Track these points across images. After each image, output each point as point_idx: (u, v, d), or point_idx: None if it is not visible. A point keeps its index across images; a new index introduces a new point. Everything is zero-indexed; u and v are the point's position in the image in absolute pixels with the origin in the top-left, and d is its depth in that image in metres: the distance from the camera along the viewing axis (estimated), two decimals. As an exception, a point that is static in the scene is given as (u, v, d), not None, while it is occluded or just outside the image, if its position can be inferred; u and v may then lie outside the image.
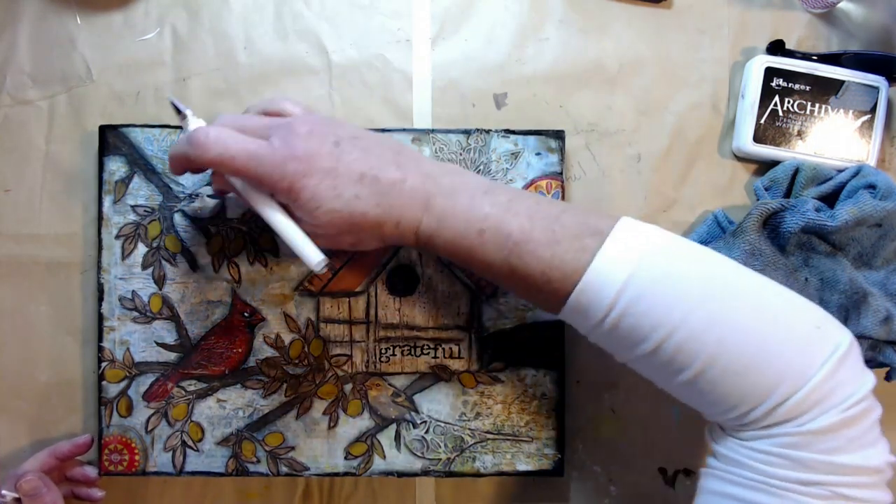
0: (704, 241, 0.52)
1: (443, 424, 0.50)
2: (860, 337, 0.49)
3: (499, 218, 0.39)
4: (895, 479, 0.36)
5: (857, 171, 0.51)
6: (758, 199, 0.51)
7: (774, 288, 0.38)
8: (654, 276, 0.36)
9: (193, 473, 0.50)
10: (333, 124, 0.41)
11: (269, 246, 0.50)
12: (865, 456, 0.35)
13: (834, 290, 0.49)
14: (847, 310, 0.49)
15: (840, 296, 0.49)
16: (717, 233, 0.52)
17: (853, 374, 0.35)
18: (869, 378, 0.36)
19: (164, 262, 0.50)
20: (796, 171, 0.51)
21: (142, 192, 0.50)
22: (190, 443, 0.50)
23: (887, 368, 0.51)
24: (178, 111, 0.43)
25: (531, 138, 0.51)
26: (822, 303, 0.49)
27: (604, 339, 0.39)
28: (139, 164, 0.50)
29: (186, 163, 0.41)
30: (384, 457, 0.50)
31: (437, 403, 0.50)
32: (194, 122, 0.43)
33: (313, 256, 0.41)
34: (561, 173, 0.51)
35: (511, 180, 0.50)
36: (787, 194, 0.51)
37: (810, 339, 0.35)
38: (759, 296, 0.37)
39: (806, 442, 0.34)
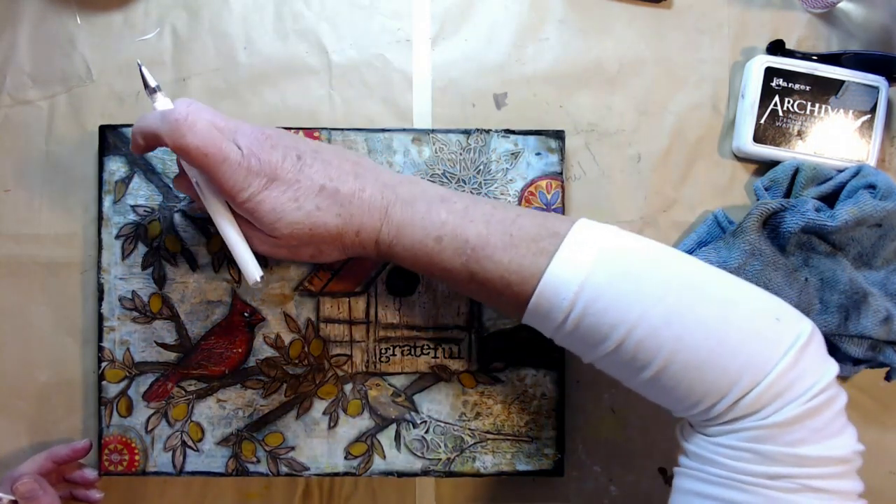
0: (704, 241, 0.52)
1: (443, 424, 0.50)
2: (860, 337, 0.49)
3: (456, 224, 0.39)
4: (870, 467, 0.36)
5: (857, 171, 0.51)
6: (758, 199, 0.51)
7: (734, 282, 0.38)
8: (611, 275, 0.36)
9: (193, 473, 0.50)
10: (295, 138, 0.41)
11: (269, 246, 0.50)
12: (831, 446, 0.34)
13: (834, 290, 0.49)
14: (847, 310, 0.49)
15: (840, 296, 0.49)
16: (718, 233, 0.52)
17: (814, 365, 0.35)
18: (831, 367, 0.36)
19: (164, 262, 0.50)
20: (796, 172, 0.51)
21: (142, 192, 0.50)
22: (190, 443, 0.50)
23: (887, 368, 0.51)
24: (146, 84, 0.41)
25: (531, 138, 0.51)
26: (822, 303, 0.49)
27: (567, 341, 0.39)
28: (139, 164, 0.50)
29: (154, 141, 0.40)
30: (384, 457, 0.50)
31: (437, 403, 0.50)
32: (162, 101, 0.41)
33: (253, 271, 0.42)
34: (561, 173, 0.51)
35: (511, 180, 0.51)
36: (787, 194, 0.51)
37: (770, 331, 0.35)
38: (718, 290, 0.37)
39: (770, 435, 0.34)
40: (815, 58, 0.53)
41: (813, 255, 0.49)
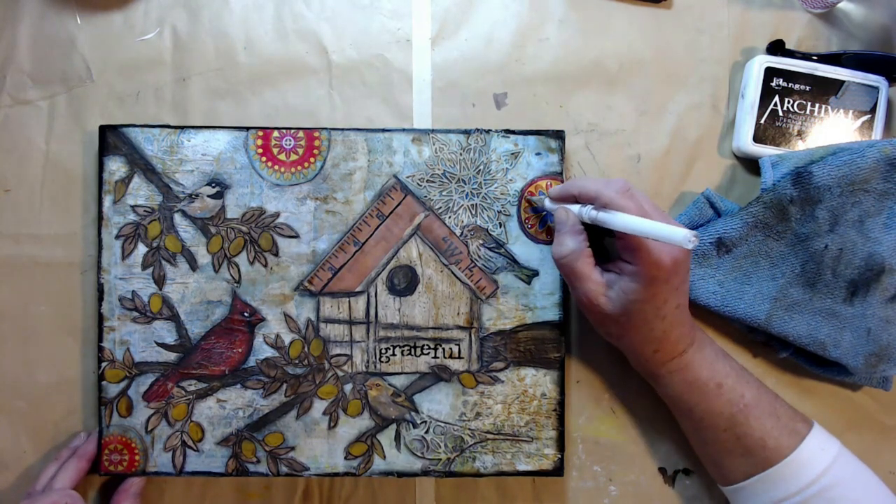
0: (696, 223, 0.51)
1: (443, 424, 0.50)
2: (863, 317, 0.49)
3: (736, 379, 0.46)
4: None
5: (873, 144, 0.49)
6: (762, 176, 0.50)
7: None
8: (848, 473, 0.43)
9: (193, 473, 0.50)
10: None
11: (269, 246, 0.50)
12: None
13: (850, 264, 0.49)
14: (856, 286, 0.49)
15: (854, 271, 0.49)
16: (709, 213, 0.51)
17: None
18: None
19: (164, 262, 0.50)
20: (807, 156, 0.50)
21: (142, 192, 0.50)
22: (190, 443, 0.50)
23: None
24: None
25: (531, 138, 0.51)
26: (834, 275, 0.49)
27: None
28: (139, 164, 0.50)
29: (586, 199, 0.45)
30: (384, 457, 0.50)
31: (437, 403, 0.50)
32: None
33: (684, 231, 0.36)
34: (561, 173, 0.51)
35: (511, 180, 0.51)
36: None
37: None
38: None
39: None
40: (815, 58, 0.53)
41: (842, 223, 0.49)
